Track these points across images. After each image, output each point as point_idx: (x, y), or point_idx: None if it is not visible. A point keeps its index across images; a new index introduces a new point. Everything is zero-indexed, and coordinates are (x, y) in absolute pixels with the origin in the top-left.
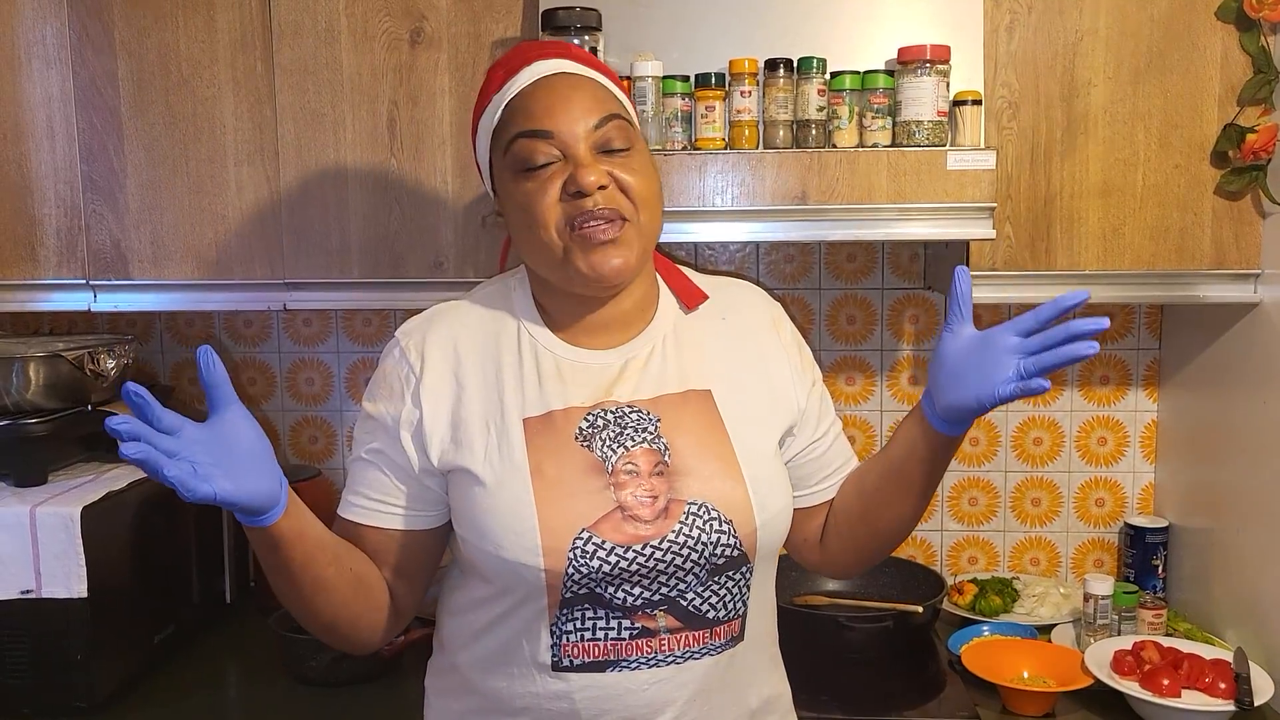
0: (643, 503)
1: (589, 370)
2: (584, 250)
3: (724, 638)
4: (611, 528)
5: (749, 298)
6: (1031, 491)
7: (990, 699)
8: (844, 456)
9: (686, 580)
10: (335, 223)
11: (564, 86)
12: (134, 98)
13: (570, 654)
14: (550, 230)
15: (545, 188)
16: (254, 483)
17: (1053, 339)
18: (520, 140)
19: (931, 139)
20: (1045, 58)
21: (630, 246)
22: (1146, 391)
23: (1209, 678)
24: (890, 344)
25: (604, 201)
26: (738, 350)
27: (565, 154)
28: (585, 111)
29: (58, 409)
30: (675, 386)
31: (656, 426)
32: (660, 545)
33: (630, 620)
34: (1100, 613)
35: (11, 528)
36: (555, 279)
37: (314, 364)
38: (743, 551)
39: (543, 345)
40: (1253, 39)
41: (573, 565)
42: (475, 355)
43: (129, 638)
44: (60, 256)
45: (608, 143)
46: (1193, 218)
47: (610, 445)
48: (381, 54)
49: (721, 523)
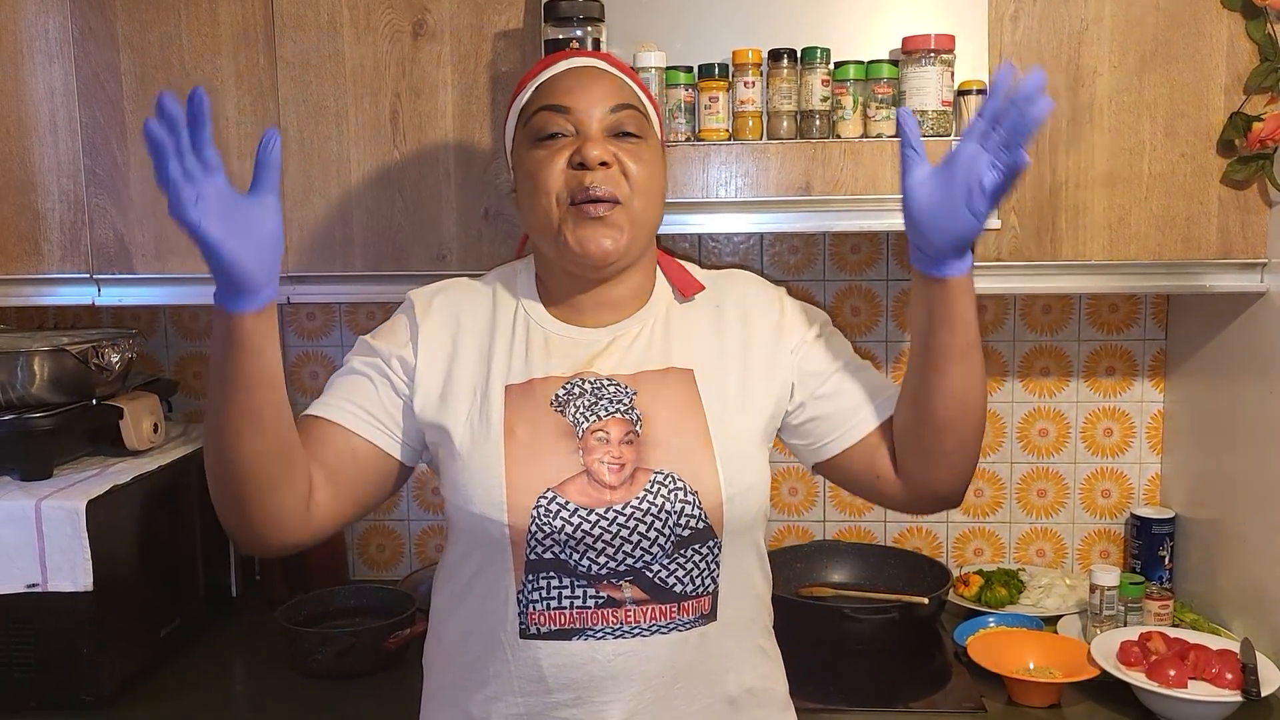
0: (610, 468)
1: (575, 344)
2: (575, 225)
3: (692, 614)
4: (576, 490)
5: (745, 286)
6: (1037, 483)
7: (996, 690)
8: (873, 386)
9: (652, 551)
10: (338, 216)
11: (590, 74)
12: (136, 91)
13: (537, 621)
14: (550, 197)
15: (554, 157)
16: (246, 255)
17: (1007, 117)
18: (540, 113)
19: (936, 129)
20: (1050, 47)
21: (620, 229)
22: (1153, 382)
23: (1215, 668)
24: (895, 335)
25: (602, 180)
26: (727, 336)
27: (578, 130)
28: (604, 95)
29: (62, 403)
30: (657, 364)
31: (631, 399)
32: (623, 510)
33: (595, 589)
34: (1106, 604)
35: (17, 522)
36: (549, 251)
37: (318, 357)
38: (708, 524)
39: (535, 320)
40: (1259, 27)
41: (536, 524)
42: (474, 325)
43: (134, 632)
44: (64, 251)
45: (620, 125)
46: (1199, 207)
47: (584, 412)
48: (384, 46)
49: (686, 493)
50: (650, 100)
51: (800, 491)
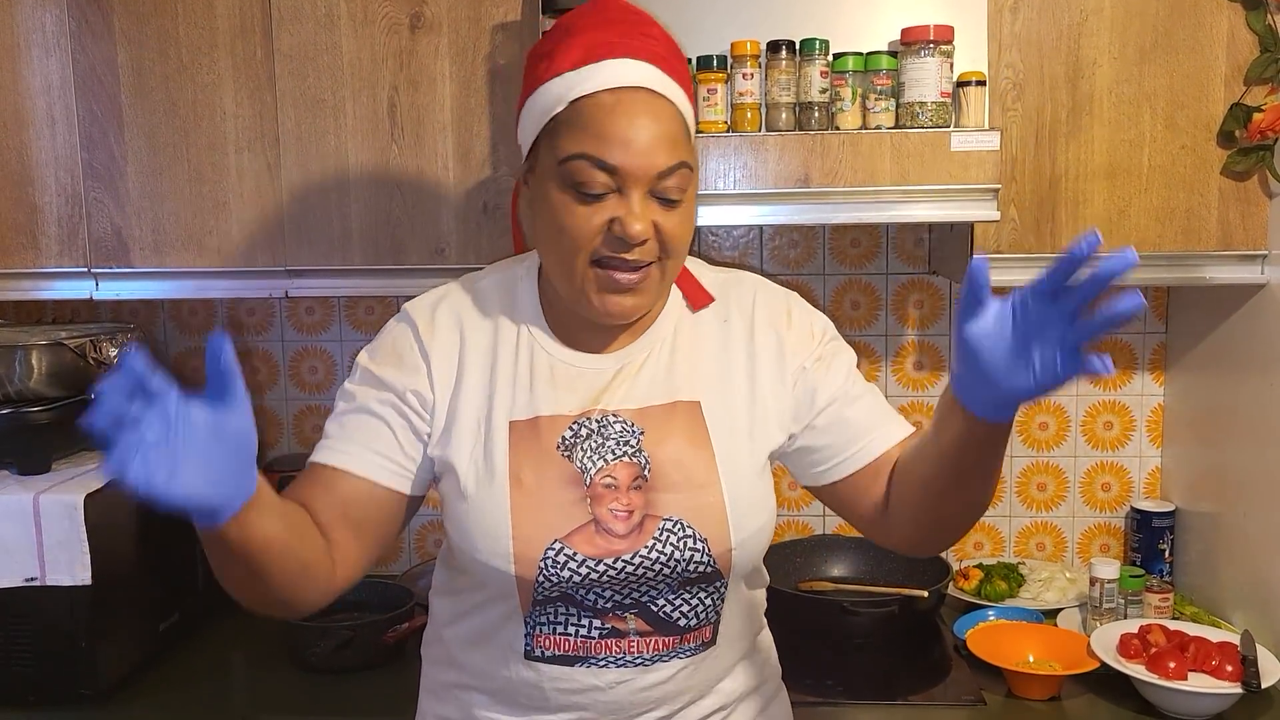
0: (618, 517)
1: (582, 375)
2: (601, 289)
3: (695, 643)
4: (584, 540)
5: (754, 295)
6: (1037, 476)
7: (996, 683)
8: (867, 421)
9: (658, 588)
10: (336, 209)
11: (644, 114)
12: (134, 85)
13: (542, 645)
14: (581, 257)
15: (591, 216)
16: (206, 488)
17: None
18: (581, 162)
19: (935, 120)
20: (1050, 38)
21: (648, 293)
22: (1153, 375)
23: (1215, 661)
24: (895, 329)
25: (639, 254)
26: (735, 356)
27: (621, 188)
28: (655, 152)
29: (60, 397)
30: (663, 397)
31: (639, 439)
32: (631, 560)
33: (601, 621)
34: (1106, 596)
35: (15, 516)
36: (566, 295)
37: (317, 352)
38: (716, 569)
39: (540, 346)
40: (1259, 17)
41: (543, 574)
42: (477, 346)
43: (133, 625)
44: (61, 245)
45: (666, 191)
46: (1199, 199)
47: (590, 457)
48: (381, 39)
49: (696, 540)
50: (692, 101)
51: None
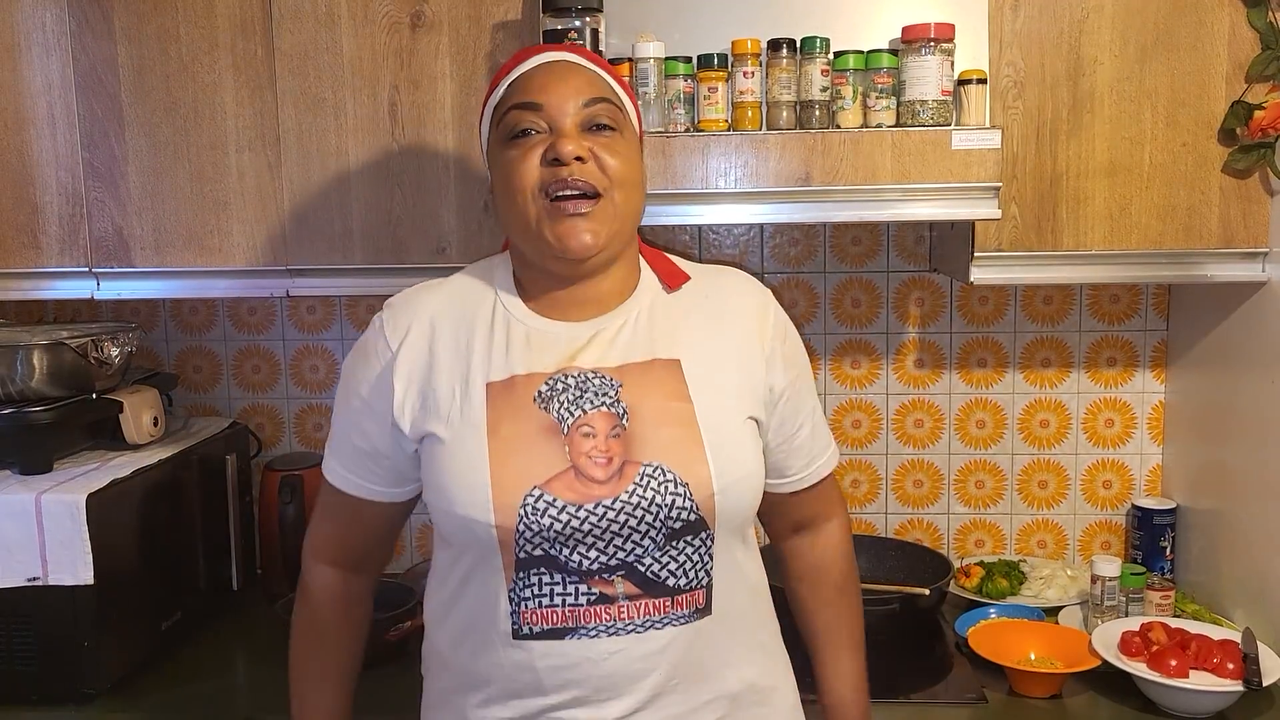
0: (597, 463)
1: (558, 340)
2: (553, 221)
3: (687, 608)
4: (564, 486)
5: (736, 283)
6: (1038, 474)
7: (997, 681)
8: (812, 449)
9: (643, 544)
10: (337, 208)
11: (562, 69)
12: (134, 84)
13: (529, 620)
14: (526, 195)
15: (527, 155)
16: None
17: None
18: (512, 111)
19: (936, 119)
20: (1051, 36)
21: (600, 222)
22: (1154, 372)
23: (1217, 658)
24: (896, 327)
25: (579, 174)
26: (714, 326)
27: (552, 127)
28: (577, 90)
29: (62, 397)
30: (642, 355)
31: (617, 391)
32: (613, 505)
33: (587, 585)
34: (1108, 594)
35: (17, 515)
36: (528, 249)
37: (318, 351)
38: (700, 516)
39: (515, 317)
40: (1260, 15)
41: (524, 522)
42: (450, 328)
43: (135, 625)
44: (62, 244)
45: (594, 119)
46: (1200, 196)
47: (568, 407)
48: (382, 38)
49: (677, 484)
50: (627, 92)
51: None
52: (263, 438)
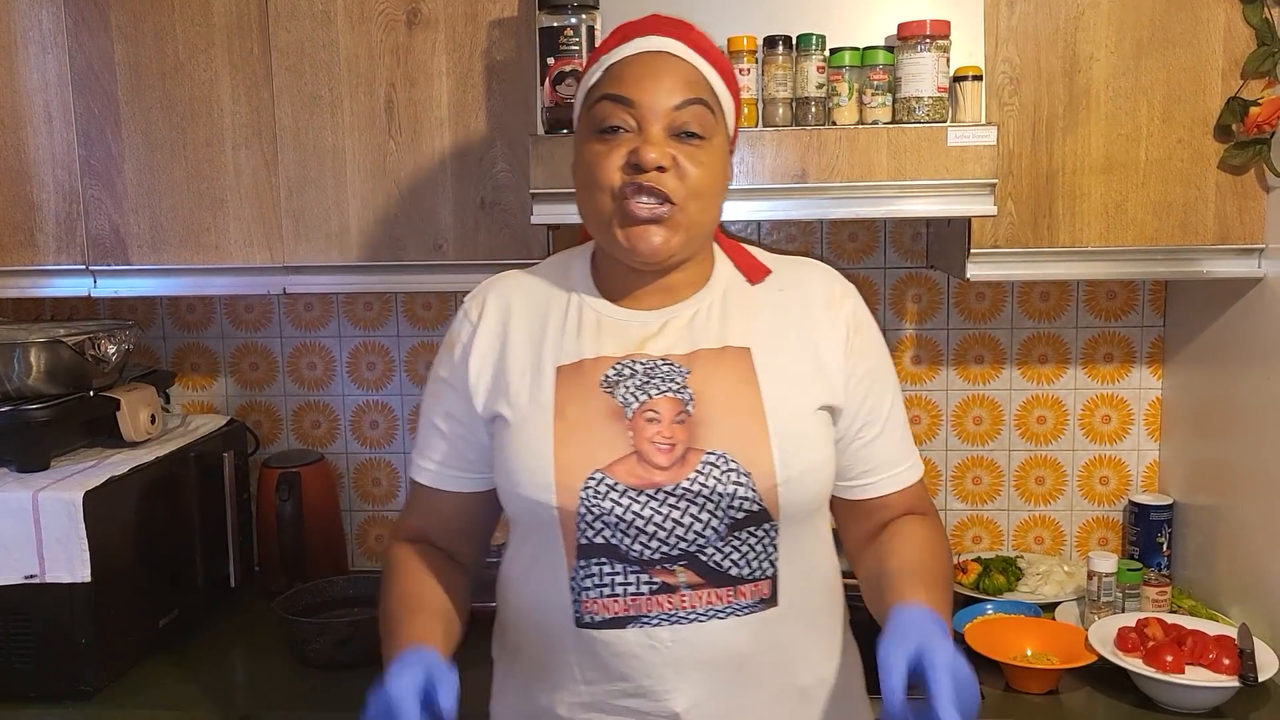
0: (660, 448)
1: (628, 326)
2: (624, 223)
3: (751, 598)
4: (626, 471)
5: (815, 274)
6: (1035, 470)
7: (994, 677)
8: (883, 457)
9: (705, 534)
10: (334, 206)
11: (661, 63)
12: (131, 82)
13: (591, 610)
14: (604, 193)
15: (611, 152)
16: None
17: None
18: (603, 102)
19: (932, 115)
20: (1046, 32)
21: (671, 231)
22: (1151, 368)
23: (1213, 654)
24: (893, 323)
25: (657, 182)
26: (789, 316)
27: (640, 126)
28: (671, 90)
29: (59, 395)
30: (712, 343)
31: (684, 378)
32: (674, 491)
33: (649, 575)
34: (1104, 590)
35: (14, 513)
36: (602, 242)
37: (315, 348)
38: (763, 507)
39: (588, 304)
40: (1256, 11)
41: (585, 505)
42: (525, 312)
43: (133, 622)
44: (59, 242)
45: (683, 125)
46: (1196, 193)
47: (634, 392)
48: (378, 35)
49: (740, 474)
50: (729, 83)
51: None
52: (260, 435)
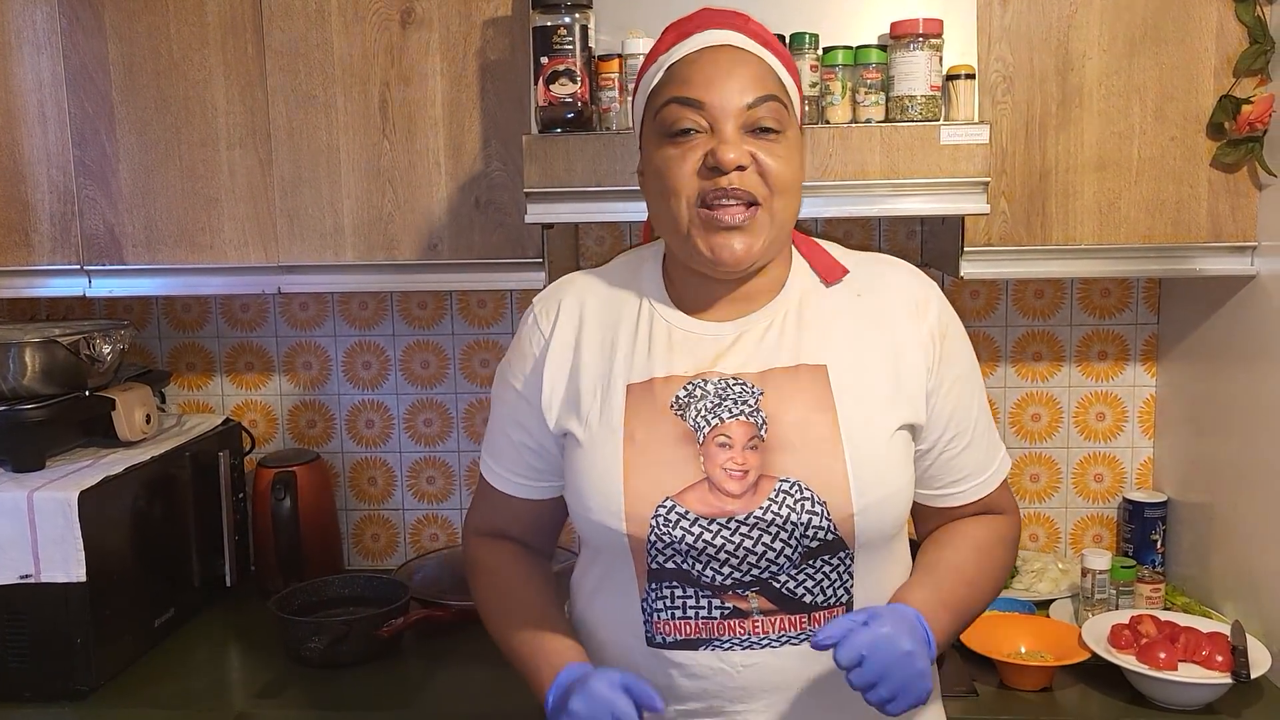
0: (732, 475)
1: (700, 341)
2: (707, 231)
3: (825, 625)
4: (697, 498)
5: (894, 277)
6: (1030, 467)
7: (988, 674)
8: (972, 465)
9: (779, 562)
10: (328, 205)
11: (727, 59)
12: (125, 82)
13: (663, 630)
14: (681, 200)
15: (686, 156)
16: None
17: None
18: (671, 105)
19: (925, 114)
20: (1039, 31)
21: (757, 234)
22: (1145, 366)
23: (1206, 651)
24: None
25: (739, 183)
26: (867, 325)
27: (713, 127)
28: (742, 88)
29: (54, 394)
30: (787, 361)
31: (757, 399)
32: (745, 520)
33: (721, 600)
34: (1098, 587)
35: (9, 513)
36: (678, 251)
37: (311, 347)
38: (838, 536)
39: (660, 315)
40: (1248, 9)
41: (655, 533)
42: (597, 322)
43: (129, 621)
44: (54, 242)
45: (758, 122)
46: (1189, 190)
47: (705, 415)
48: (372, 35)
49: (814, 503)
50: (793, 75)
51: None
52: (256, 434)
